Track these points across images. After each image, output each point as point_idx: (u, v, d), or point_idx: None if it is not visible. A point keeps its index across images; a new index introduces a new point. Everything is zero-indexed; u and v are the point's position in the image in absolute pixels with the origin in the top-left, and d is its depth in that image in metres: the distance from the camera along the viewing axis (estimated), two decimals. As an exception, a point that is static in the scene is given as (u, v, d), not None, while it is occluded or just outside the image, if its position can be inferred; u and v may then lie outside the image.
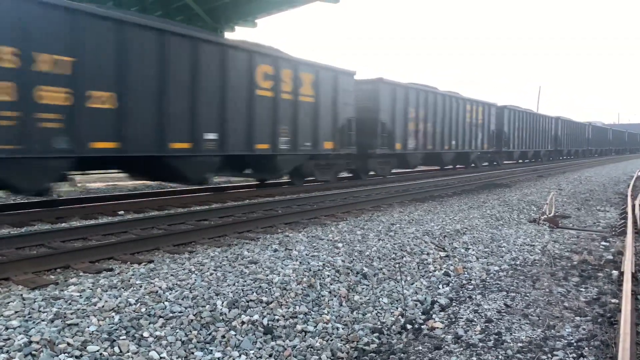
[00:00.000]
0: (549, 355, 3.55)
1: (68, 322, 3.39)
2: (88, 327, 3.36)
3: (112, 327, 3.40)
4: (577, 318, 4.31)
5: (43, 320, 3.39)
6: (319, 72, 12.63)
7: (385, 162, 16.24)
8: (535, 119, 29.89)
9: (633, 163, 36.23)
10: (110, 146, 8.18)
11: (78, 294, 3.92)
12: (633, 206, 10.37)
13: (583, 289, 5.17)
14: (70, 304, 3.72)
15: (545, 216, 9.18)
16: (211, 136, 9.81)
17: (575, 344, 3.74)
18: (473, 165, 22.88)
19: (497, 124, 24.05)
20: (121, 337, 3.32)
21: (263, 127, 10.95)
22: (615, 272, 5.71)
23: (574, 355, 3.55)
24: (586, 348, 3.67)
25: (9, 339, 3.11)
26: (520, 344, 3.75)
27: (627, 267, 5.46)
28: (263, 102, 10.92)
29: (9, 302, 3.69)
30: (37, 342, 3.09)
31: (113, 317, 3.54)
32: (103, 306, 3.69)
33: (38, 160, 7.33)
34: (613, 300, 4.73)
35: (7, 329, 3.24)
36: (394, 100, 15.82)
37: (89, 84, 7.79)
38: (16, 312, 3.51)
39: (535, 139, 29.71)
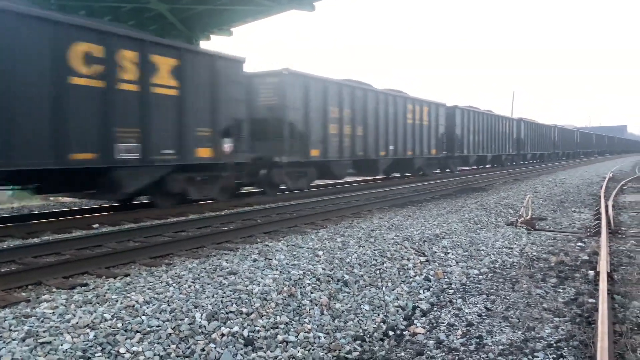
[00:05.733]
0: (530, 357, 3.57)
1: (40, 340, 3.27)
2: (61, 345, 3.25)
3: (86, 344, 3.30)
4: (556, 319, 4.35)
5: (14, 340, 3.27)
6: (185, 57, 9.62)
7: (299, 173, 13.19)
8: (494, 120, 27.57)
9: (605, 165, 37.13)
10: None
11: (51, 311, 3.80)
12: (606, 207, 10.59)
13: (561, 290, 5.23)
14: (42, 321, 3.60)
15: (523, 219, 9.30)
16: None
17: (555, 345, 3.77)
18: (422, 173, 20.31)
19: (447, 126, 21.57)
20: (96, 354, 3.21)
21: (84, 129, 8.02)
22: (591, 272, 5.80)
23: (554, 356, 3.58)
24: (565, 348, 3.70)
25: (-23, 360, 2.99)
26: (501, 347, 3.76)
27: (603, 266, 5.55)
28: (83, 94, 7.97)
29: (-23, 322, 3.55)
30: (8, 363, 2.98)
31: (88, 333, 3.43)
32: (77, 323, 3.57)
33: None
34: (590, 300, 4.80)
35: (-25, 350, 3.11)
36: (308, 97, 13.03)
37: None
38: (-15, 332, 3.38)
39: (494, 142, 27.56)
